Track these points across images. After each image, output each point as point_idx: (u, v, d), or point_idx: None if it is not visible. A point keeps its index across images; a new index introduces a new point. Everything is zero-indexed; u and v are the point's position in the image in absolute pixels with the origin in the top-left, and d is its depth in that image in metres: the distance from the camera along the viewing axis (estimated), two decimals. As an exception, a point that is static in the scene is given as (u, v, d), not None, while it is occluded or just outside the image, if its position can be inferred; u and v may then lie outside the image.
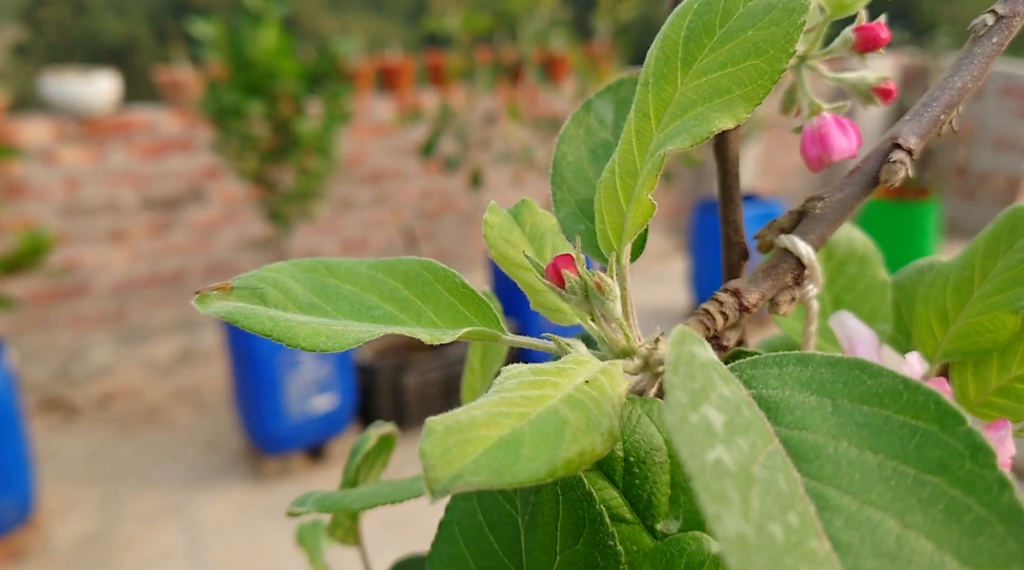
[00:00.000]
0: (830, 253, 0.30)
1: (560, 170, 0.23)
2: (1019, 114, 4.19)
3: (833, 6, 0.24)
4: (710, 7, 0.18)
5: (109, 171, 2.84)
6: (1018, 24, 0.23)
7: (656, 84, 0.18)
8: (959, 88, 0.23)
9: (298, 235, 3.21)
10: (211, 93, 2.29)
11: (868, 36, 0.24)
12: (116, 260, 2.93)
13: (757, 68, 0.17)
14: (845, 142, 0.24)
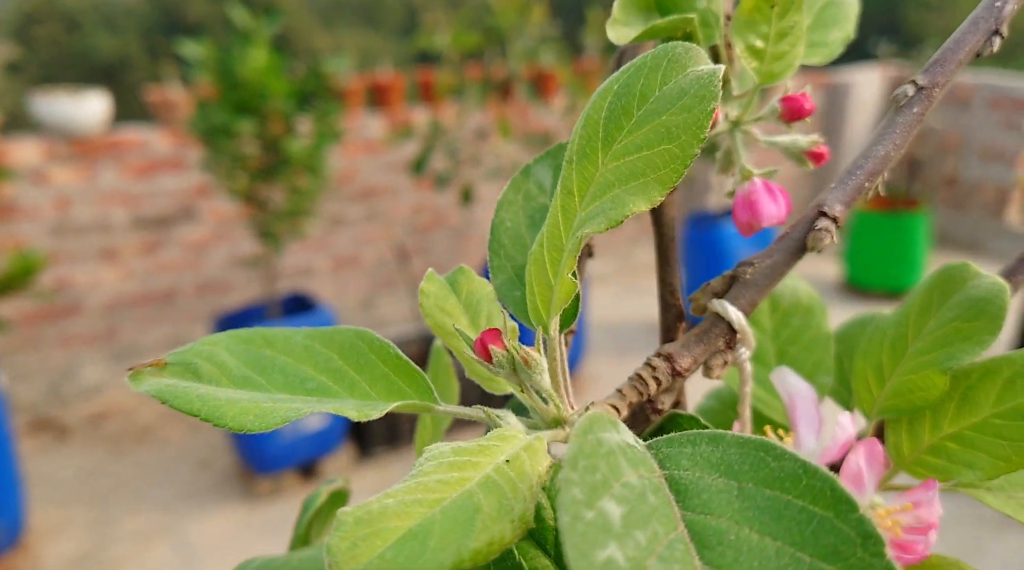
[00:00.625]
0: (775, 304, 0.30)
1: (498, 236, 0.24)
2: (1006, 125, 4.21)
3: (763, 75, 0.25)
4: (629, 89, 0.18)
5: (100, 190, 2.84)
6: (938, 95, 0.24)
7: (579, 162, 0.19)
8: (882, 157, 0.23)
9: (289, 253, 3.21)
10: (200, 113, 2.29)
11: (793, 107, 0.25)
12: (107, 279, 2.93)
13: (670, 153, 0.17)
14: (774, 209, 0.24)
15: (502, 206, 0.24)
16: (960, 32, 0.25)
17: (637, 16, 0.24)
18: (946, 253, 4.38)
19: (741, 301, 0.23)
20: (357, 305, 3.53)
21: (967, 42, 0.24)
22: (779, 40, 0.24)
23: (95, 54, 11.24)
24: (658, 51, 0.19)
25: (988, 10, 0.25)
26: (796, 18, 0.24)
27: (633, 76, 0.18)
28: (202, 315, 3.15)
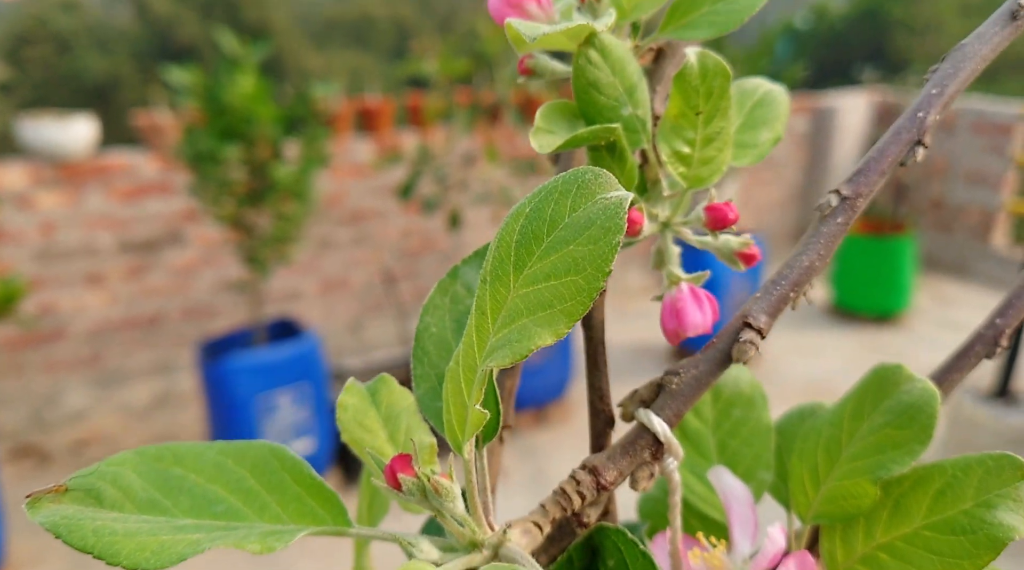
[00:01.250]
0: (717, 394, 0.30)
1: (422, 343, 0.23)
2: (990, 149, 4.25)
3: (690, 180, 0.25)
4: (539, 214, 0.18)
5: (86, 214, 2.83)
6: (861, 205, 0.24)
7: (492, 284, 0.18)
8: (806, 267, 0.23)
9: (277, 276, 3.20)
10: (187, 139, 2.29)
11: (717, 217, 0.24)
12: (92, 304, 2.91)
13: (577, 285, 0.17)
14: (699, 318, 0.24)
15: (427, 311, 0.24)
16: (883, 142, 0.25)
17: (561, 124, 0.24)
18: (933, 276, 4.40)
19: (667, 411, 0.23)
20: (345, 329, 3.52)
21: (890, 152, 0.24)
22: (705, 146, 0.24)
23: (86, 76, 11.25)
24: (568, 176, 0.18)
25: (911, 120, 0.25)
26: (722, 124, 0.24)
27: (544, 200, 0.18)
28: (188, 340, 3.13)
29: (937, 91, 0.25)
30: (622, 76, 0.24)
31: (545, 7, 0.25)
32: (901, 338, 3.71)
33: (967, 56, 0.25)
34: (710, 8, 0.25)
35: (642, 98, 0.25)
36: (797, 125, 4.72)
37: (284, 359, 2.38)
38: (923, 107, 0.25)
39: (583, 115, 0.25)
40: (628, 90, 0.24)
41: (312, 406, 2.45)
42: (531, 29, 0.22)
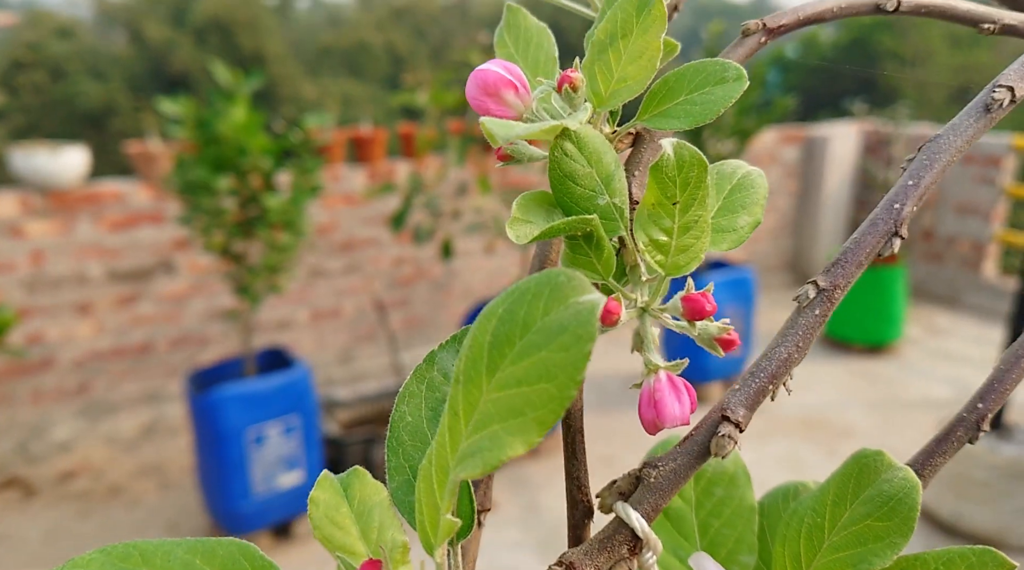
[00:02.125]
0: (700, 473, 0.30)
1: (397, 432, 0.23)
2: (980, 180, 4.29)
3: (667, 268, 0.25)
4: (512, 316, 0.18)
5: (76, 244, 2.82)
6: (839, 296, 0.24)
7: (466, 385, 0.18)
8: (784, 359, 0.23)
9: (268, 305, 3.19)
10: (178, 168, 2.29)
11: (694, 308, 0.24)
12: (81, 333, 2.89)
13: (548, 392, 0.17)
14: (678, 409, 0.24)
15: (403, 399, 0.24)
16: (860, 233, 0.25)
17: (538, 214, 0.24)
18: (924, 306, 4.42)
19: (645, 505, 0.22)
20: (336, 359, 3.50)
21: (867, 243, 0.25)
22: (683, 234, 0.24)
23: (80, 102, 11.29)
24: (542, 277, 0.18)
25: (887, 211, 0.25)
26: (700, 213, 0.24)
27: (517, 301, 0.18)
28: (177, 369, 3.11)
29: (913, 182, 0.25)
30: (599, 166, 0.24)
31: (522, 95, 0.25)
32: (893, 368, 3.71)
33: (942, 148, 0.26)
34: (686, 98, 0.26)
35: (619, 186, 0.25)
36: (788, 154, 4.76)
37: (274, 390, 2.36)
38: (899, 198, 0.25)
39: (560, 205, 0.25)
40: (605, 180, 0.24)
41: (302, 438, 2.43)
42: (505, 129, 0.22)
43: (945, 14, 0.33)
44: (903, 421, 3.21)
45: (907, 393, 3.47)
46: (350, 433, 2.60)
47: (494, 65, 0.25)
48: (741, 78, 0.25)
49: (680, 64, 0.27)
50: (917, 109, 4.56)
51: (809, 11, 0.31)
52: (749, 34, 0.30)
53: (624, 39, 0.25)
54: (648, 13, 0.25)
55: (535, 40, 0.29)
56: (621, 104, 0.26)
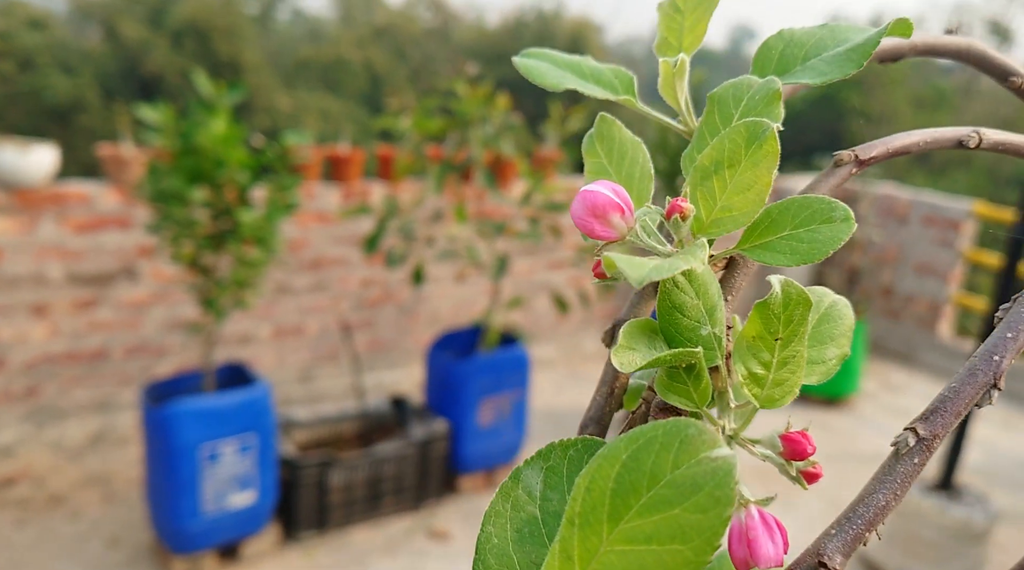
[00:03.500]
0: None
1: (483, 554, 0.22)
2: (939, 242, 4.40)
3: (762, 400, 0.24)
4: (638, 464, 0.17)
5: (38, 243, 2.75)
6: (937, 445, 0.24)
7: (582, 528, 0.17)
8: (882, 506, 0.23)
9: (231, 319, 3.13)
10: (152, 176, 2.25)
11: (795, 448, 0.24)
12: (35, 335, 2.81)
13: (683, 555, 0.16)
14: (772, 550, 0.23)
15: (489, 519, 0.23)
16: (958, 381, 0.25)
17: (642, 341, 0.24)
18: (881, 361, 4.50)
19: None
20: (296, 377, 3.45)
21: (966, 393, 0.24)
22: (781, 368, 0.24)
23: (47, 95, 11.08)
24: (669, 427, 0.18)
25: (987, 363, 0.25)
26: (799, 348, 0.24)
27: (643, 450, 0.17)
28: (131, 378, 3.04)
29: (1012, 335, 0.25)
30: (704, 298, 0.24)
31: (627, 218, 0.25)
32: (850, 421, 3.76)
33: None
34: (790, 233, 0.25)
35: (720, 317, 0.25)
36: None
37: (232, 407, 2.32)
38: (999, 351, 0.25)
39: (664, 334, 0.25)
40: (709, 311, 0.24)
41: (257, 457, 2.38)
42: (638, 270, 0.22)
43: (1019, 151, 0.34)
44: (857, 474, 3.25)
45: (862, 446, 3.52)
46: (306, 455, 2.55)
47: (603, 187, 0.25)
48: (849, 219, 0.25)
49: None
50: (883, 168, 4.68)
51: (898, 144, 0.32)
52: (841, 165, 0.31)
53: (731, 169, 0.25)
54: (760, 147, 0.25)
55: (630, 154, 0.28)
56: (724, 233, 0.26)
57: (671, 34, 0.30)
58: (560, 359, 4.19)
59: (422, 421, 2.77)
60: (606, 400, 0.27)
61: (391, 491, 2.66)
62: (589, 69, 0.31)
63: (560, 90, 0.31)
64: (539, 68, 0.31)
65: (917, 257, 4.50)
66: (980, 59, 0.36)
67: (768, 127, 0.25)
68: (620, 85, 0.31)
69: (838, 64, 0.28)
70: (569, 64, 0.31)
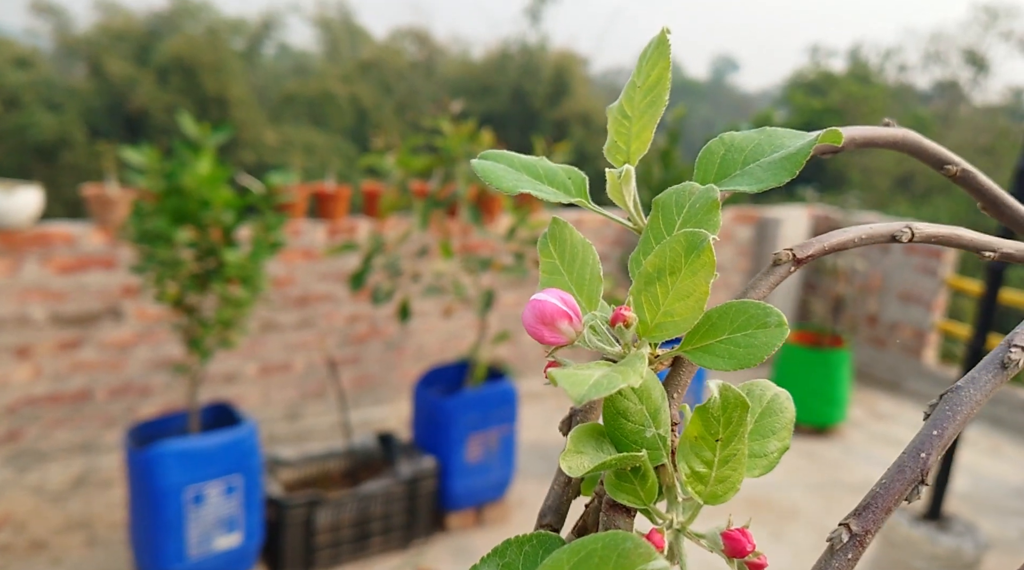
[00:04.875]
0: None
1: None
2: (921, 270, 4.44)
3: (706, 497, 0.25)
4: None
5: (21, 284, 2.74)
6: (870, 540, 0.25)
7: None
8: None
9: (216, 358, 3.12)
10: (135, 216, 2.25)
11: (735, 546, 0.25)
12: (17, 377, 2.79)
13: None
14: None
15: None
16: (888, 478, 0.26)
17: (589, 445, 0.25)
18: (867, 390, 4.52)
19: None
20: (282, 415, 3.43)
21: (895, 489, 0.26)
22: (722, 466, 0.25)
23: (32, 133, 11.08)
24: (608, 541, 0.19)
25: (914, 459, 0.26)
26: (739, 446, 0.25)
27: (583, 562, 0.19)
28: (115, 419, 3.01)
29: (937, 433, 0.26)
30: (648, 402, 0.25)
31: (575, 324, 0.26)
32: (837, 450, 3.76)
33: (963, 401, 0.27)
34: (728, 337, 0.27)
35: (664, 418, 0.26)
36: (741, 233, 4.88)
37: (218, 448, 2.30)
38: (925, 448, 0.26)
39: (611, 438, 0.25)
40: (653, 414, 0.25)
41: (243, 499, 2.36)
42: (578, 387, 0.23)
43: (951, 242, 0.35)
44: (845, 503, 3.25)
45: (850, 475, 3.52)
46: (293, 495, 2.53)
47: (551, 296, 0.26)
48: (782, 325, 0.26)
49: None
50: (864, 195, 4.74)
51: (834, 240, 0.33)
52: (780, 263, 0.32)
53: (672, 276, 0.26)
54: (697, 256, 0.26)
55: (580, 256, 0.30)
56: (666, 338, 0.27)
57: (620, 138, 0.32)
58: (549, 392, 4.19)
59: (410, 458, 2.76)
60: (563, 489, 0.27)
61: (379, 530, 2.64)
62: (544, 170, 0.32)
63: (515, 193, 0.32)
64: (495, 170, 0.32)
65: (901, 285, 4.55)
66: (915, 148, 0.38)
67: (705, 238, 0.26)
68: (573, 186, 0.32)
69: (773, 171, 0.29)
70: (524, 165, 0.32)
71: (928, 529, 2.57)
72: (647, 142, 0.32)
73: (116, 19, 15.52)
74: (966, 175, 0.38)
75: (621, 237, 4.33)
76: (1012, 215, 0.39)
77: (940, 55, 21.76)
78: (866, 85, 17.88)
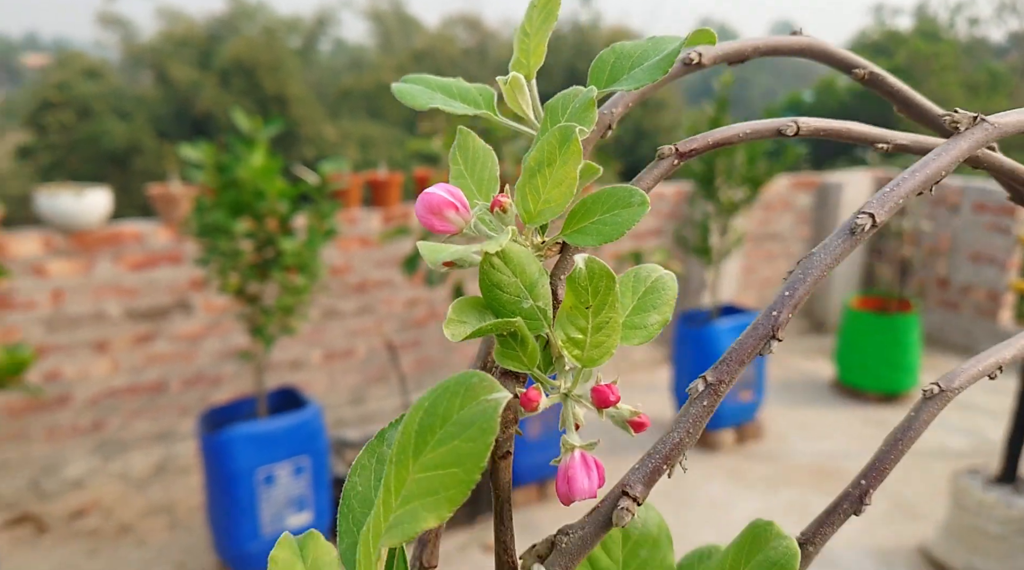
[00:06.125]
0: (627, 534, 0.33)
1: (348, 500, 0.26)
2: (992, 228, 4.29)
3: (583, 361, 0.28)
4: (434, 409, 0.22)
5: (96, 283, 2.88)
6: (724, 390, 0.27)
7: (397, 465, 0.22)
8: (676, 443, 0.26)
9: (281, 346, 3.23)
10: (197, 211, 2.35)
11: (600, 397, 0.28)
12: (97, 371, 2.94)
13: (457, 476, 0.20)
14: (587, 484, 0.27)
15: (355, 470, 0.27)
16: (743, 336, 0.28)
17: (472, 315, 0.28)
18: (939, 354, 4.39)
19: (557, 567, 0.25)
20: (347, 400, 3.53)
21: (748, 344, 0.28)
22: (596, 332, 0.27)
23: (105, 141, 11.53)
24: (459, 378, 0.22)
25: (767, 318, 0.28)
26: (610, 315, 0.27)
27: (439, 397, 0.22)
28: (189, 408, 3.15)
29: (789, 293, 0.28)
30: (523, 276, 0.28)
31: (462, 213, 0.29)
32: (906, 417, 3.67)
33: (815, 265, 0.29)
34: (599, 218, 0.30)
35: (543, 292, 0.28)
36: (802, 201, 4.79)
37: (285, 431, 2.39)
38: (777, 307, 0.28)
39: (490, 308, 0.28)
40: (529, 287, 0.28)
41: (311, 479, 2.45)
42: (433, 253, 0.26)
43: (842, 135, 0.36)
44: (917, 471, 3.19)
45: (921, 443, 3.44)
46: (359, 474, 2.61)
47: (439, 189, 0.29)
48: (644, 203, 0.29)
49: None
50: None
51: (718, 136, 0.35)
52: (664, 157, 0.34)
53: (549, 167, 0.29)
54: (567, 148, 0.29)
55: (481, 160, 0.33)
56: (546, 221, 0.30)
57: (522, 54, 0.35)
58: (608, 368, 4.18)
59: (470, 436, 2.81)
60: (481, 364, 0.31)
61: (443, 506, 2.70)
62: (458, 89, 0.35)
63: (426, 109, 0.35)
64: (411, 91, 0.35)
65: (971, 245, 4.40)
66: (822, 54, 0.39)
67: (573, 130, 0.29)
68: (483, 101, 0.35)
69: (649, 72, 0.32)
70: (440, 85, 0.35)
71: (1002, 492, 2.51)
72: (542, 55, 0.35)
73: (178, 26, 15.99)
74: (875, 77, 0.39)
75: (676, 211, 4.30)
76: (923, 113, 0.40)
77: (1016, 6, 20.74)
78: (934, 42, 17.19)
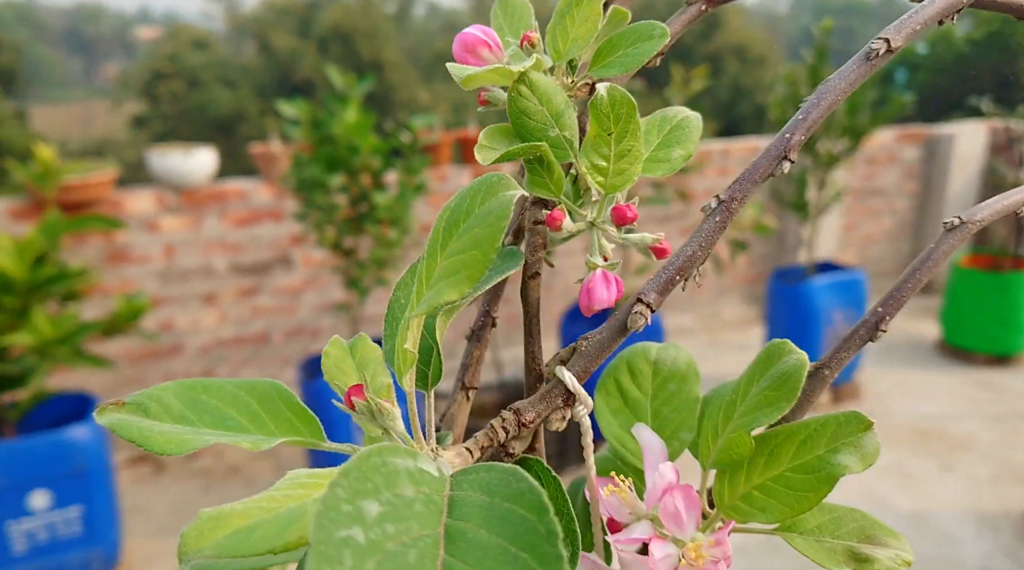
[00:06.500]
0: (657, 370, 0.35)
1: (392, 310, 0.29)
2: (1120, 181, 4.00)
3: (606, 187, 0.30)
4: (459, 207, 0.24)
5: (204, 238, 3.04)
6: (736, 207, 0.28)
7: (428, 259, 0.25)
8: (690, 256, 0.28)
9: (376, 298, 3.34)
10: (295, 167, 2.45)
11: (619, 214, 0.29)
12: (206, 322, 3.12)
13: (475, 257, 0.23)
14: (605, 294, 0.29)
15: (399, 287, 0.30)
16: (758, 158, 0.29)
17: (501, 142, 0.30)
18: (1054, 314, 4.16)
19: (576, 368, 0.28)
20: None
21: (761, 165, 0.29)
22: (619, 160, 0.29)
23: (212, 108, 12.00)
24: (483, 179, 0.24)
25: (780, 140, 0.29)
26: (632, 143, 0.29)
27: (463, 197, 0.24)
28: (291, 359, 3.30)
29: (803, 116, 0.29)
30: (549, 105, 0.30)
31: (495, 52, 0.31)
32: (1020, 380, 3.51)
33: (829, 90, 0.30)
34: (623, 52, 0.31)
35: (569, 122, 0.30)
36: (909, 154, 4.58)
37: (379, 378, 2.48)
38: (790, 129, 0.29)
39: (518, 136, 0.30)
40: (555, 116, 0.30)
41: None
42: (460, 71, 0.28)
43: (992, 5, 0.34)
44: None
45: (1032, 406, 3.29)
46: (450, 423, 2.70)
47: (474, 28, 0.31)
48: (664, 35, 0.31)
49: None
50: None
51: None
52: (692, 3, 0.35)
53: (577, 7, 0.31)
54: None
55: (519, 13, 0.35)
56: (574, 57, 0.32)
57: None
58: (699, 327, 4.16)
59: (558, 388, 2.86)
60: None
61: (532, 455, 2.77)
62: None
63: None
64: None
65: (1093, 199, 4.12)
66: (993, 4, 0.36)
67: None
68: None
69: None
70: None
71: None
72: None
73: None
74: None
75: (771, 166, 4.18)
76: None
77: None
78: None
